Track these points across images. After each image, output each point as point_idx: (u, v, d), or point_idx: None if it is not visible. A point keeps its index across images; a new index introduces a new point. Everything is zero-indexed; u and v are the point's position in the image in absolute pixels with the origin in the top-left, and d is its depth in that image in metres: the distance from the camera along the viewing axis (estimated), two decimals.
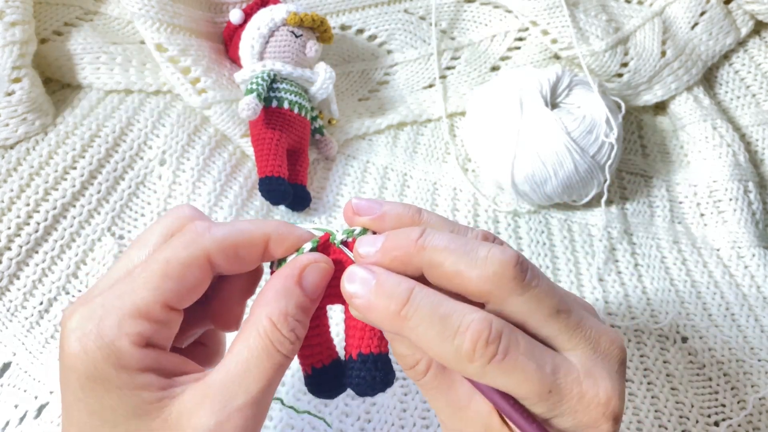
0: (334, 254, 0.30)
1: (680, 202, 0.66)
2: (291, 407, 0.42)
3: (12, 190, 0.50)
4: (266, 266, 0.31)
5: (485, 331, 0.24)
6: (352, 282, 0.27)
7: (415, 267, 0.27)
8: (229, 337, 0.31)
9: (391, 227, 0.28)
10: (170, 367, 0.27)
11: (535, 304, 0.26)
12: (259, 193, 0.55)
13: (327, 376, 0.31)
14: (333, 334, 0.32)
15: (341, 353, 0.32)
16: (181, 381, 0.27)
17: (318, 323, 0.31)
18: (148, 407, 0.25)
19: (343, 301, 0.30)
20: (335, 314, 0.45)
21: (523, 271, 0.25)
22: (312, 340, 0.31)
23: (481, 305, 0.27)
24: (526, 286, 0.25)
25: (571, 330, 0.26)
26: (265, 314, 0.27)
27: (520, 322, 0.26)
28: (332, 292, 0.30)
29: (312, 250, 0.29)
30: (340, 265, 0.30)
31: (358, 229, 0.29)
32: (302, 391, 0.44)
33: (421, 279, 0.27)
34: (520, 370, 0.25)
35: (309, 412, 0.42)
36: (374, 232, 0.29)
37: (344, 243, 0.30)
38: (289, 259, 0.30)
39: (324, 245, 0.30)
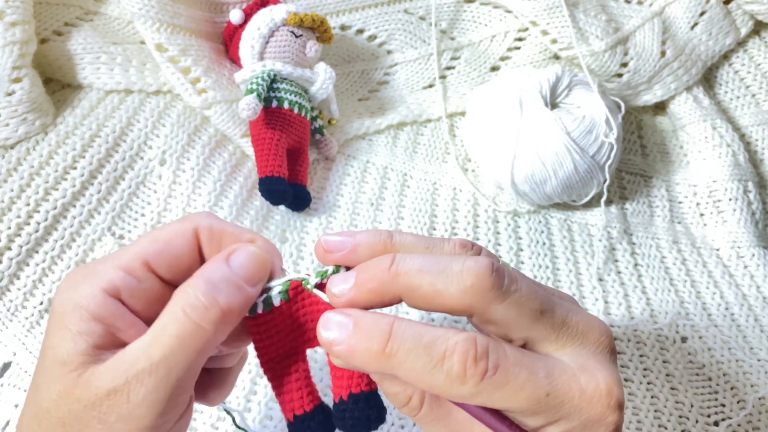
0: (310, 299, 0.29)
1: (680, 202, 0.66)
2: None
3: (12, 190, 0.50)
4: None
5: (471, 350, 0.24)
6: (329, 329, 0.26)
7: (392, 295, 0.26)
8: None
9: (365, 257, 0.28)
10: (123, 326, 0.27)
11: (518, 309, 0.26)
12: (259, 193, 0.55)
13: (310, 423, 0.30)
14: (316, 379, 0.31)
15: (323, 395, 0.31)
16: (118, 351, 0.26)
17: (297, 368, 0.30)
18: (74, 357, 0.25)
19: None
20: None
21: (500, 278, 0.25)
22: (292, 385, 0.30)
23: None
24: (505, 293, 0.25)
25: (557, 329, 0.26)
26: (185, 284, 0.27)
27: (507, 330, 0.26)
28: (313, 335, 0.29)
29: (282, 293, 0.29)
30: (317, 309, 0.29)
31: (330, 269, 0.29)
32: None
33: None
34: (513, 380, 0.24)
35: None
36: (348, 268, 0.28)
37: (319, 286, 0.29)
38: (259, 301, 0.29)
39: (296, 291, 0.29)
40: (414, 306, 0.26)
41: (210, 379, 0.32)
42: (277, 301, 0.29)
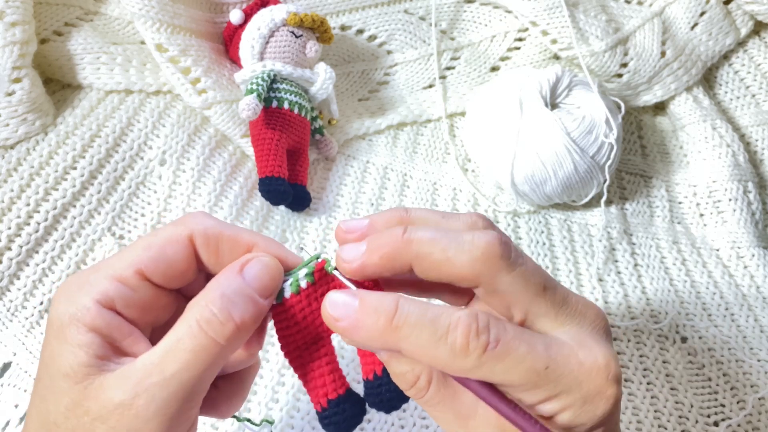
0: (333, 283, 0.29)
1: (680, 203, 0.66)
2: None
3: (12, 190, 0.50)
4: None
5: (474, 324, 0.25)
6: (335, 306, 0.26)
7: (403, 261, 0.27)
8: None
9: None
10: (120, 337, 0.27)
11: (524, 282, 0.26)
12: (259, 193, 0.55)
13: (345, 406, 0.30)
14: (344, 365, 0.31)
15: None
16: (122, 361, 0.26)
17: (326, 352, 0.30)
18: (78, 369, 0.25)
19: None
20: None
21: (508, 249, 0.26)
22: (323, 370, 0.30)
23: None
24: (513, 265, 0.26)
25: (558, 306, 0.27)
26: (200, 297, 0.27)
27: (510, 302, 0.27)
28: None
29: (308, 275, 0.29)
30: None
31: None
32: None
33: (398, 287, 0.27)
34: (513, 353, 0.25)
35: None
36: None
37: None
38: (286, 285, 0.29)
39: (321, 274, 0.29)
40: (423, 274, 0.27)
41: (219, 392, 0.32)
42: (304, 284, 0.29)
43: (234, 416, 0.34)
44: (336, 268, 0.29)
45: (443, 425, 0.28)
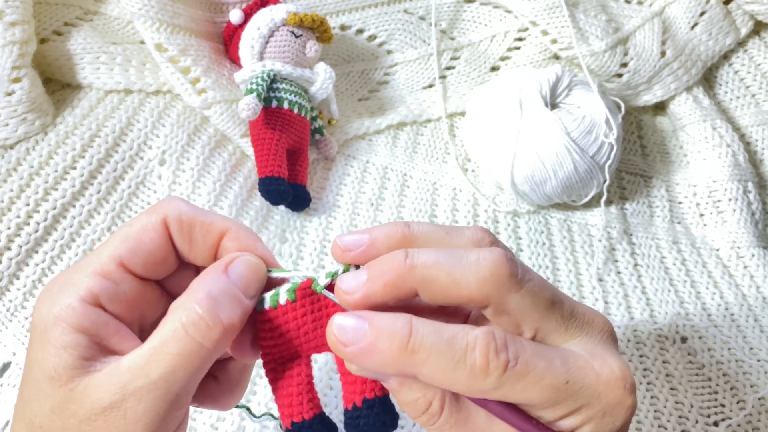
0: (319, 303, 0.28)
1: (680, 203, 0.66)
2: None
3: (12, 190, 0.50)
4: None
5: (492, 342, 0.24)
6: (343, 331, 0.25)
7: (408, 288, 0.26)
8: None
9: (384, 250, 0.27)
10: (107, 334, 0.26)
11: (532, 299, 0.26)
12: (259, 193, 0.55)
13: (308, 431, 0.29)
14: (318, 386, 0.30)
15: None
16: (108, 360, 0.26)
17: (300, 372, 0.29)
18: (62, 371, 0.25)
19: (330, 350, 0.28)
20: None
21: (516, 268, 0.25)
22: (292, 390, 0.29)
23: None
24: (521, 282, 0.25)
25: (567, 319, 0.27)
26: (185, 298, 0.26)
27: (520, 321, 0.26)
28: (319, 340, 0.28)
29: (290, 291, 0.28)
30: (326, 313, 0.28)
31: (340, 269, 0.28)
32: None
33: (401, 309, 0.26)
34: (533, 370, 0.24)
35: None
36: (358, 268, 0.27)
37: (330, 288, 0.28)
38: (266, 295, 0.28)
39: (304, 293, 0.28)
40: (430, 299, 0.26)
41: (220, 386, 0.31)
42: (283, 300, 0.28)
43: (238, 406, 0.33)
44: (328, 287, 0.28)
45: None
